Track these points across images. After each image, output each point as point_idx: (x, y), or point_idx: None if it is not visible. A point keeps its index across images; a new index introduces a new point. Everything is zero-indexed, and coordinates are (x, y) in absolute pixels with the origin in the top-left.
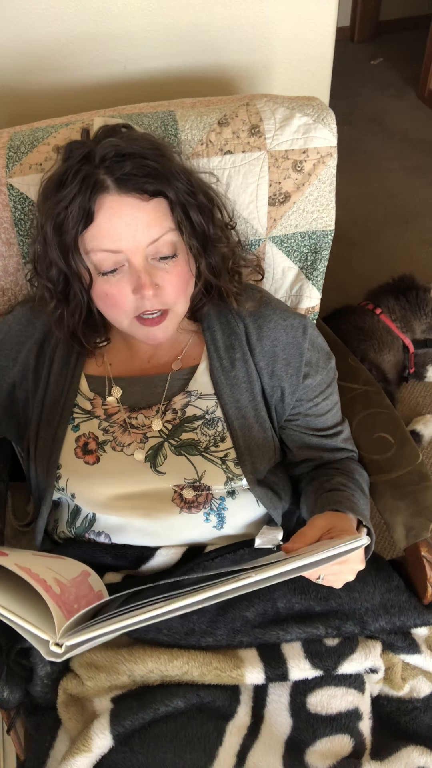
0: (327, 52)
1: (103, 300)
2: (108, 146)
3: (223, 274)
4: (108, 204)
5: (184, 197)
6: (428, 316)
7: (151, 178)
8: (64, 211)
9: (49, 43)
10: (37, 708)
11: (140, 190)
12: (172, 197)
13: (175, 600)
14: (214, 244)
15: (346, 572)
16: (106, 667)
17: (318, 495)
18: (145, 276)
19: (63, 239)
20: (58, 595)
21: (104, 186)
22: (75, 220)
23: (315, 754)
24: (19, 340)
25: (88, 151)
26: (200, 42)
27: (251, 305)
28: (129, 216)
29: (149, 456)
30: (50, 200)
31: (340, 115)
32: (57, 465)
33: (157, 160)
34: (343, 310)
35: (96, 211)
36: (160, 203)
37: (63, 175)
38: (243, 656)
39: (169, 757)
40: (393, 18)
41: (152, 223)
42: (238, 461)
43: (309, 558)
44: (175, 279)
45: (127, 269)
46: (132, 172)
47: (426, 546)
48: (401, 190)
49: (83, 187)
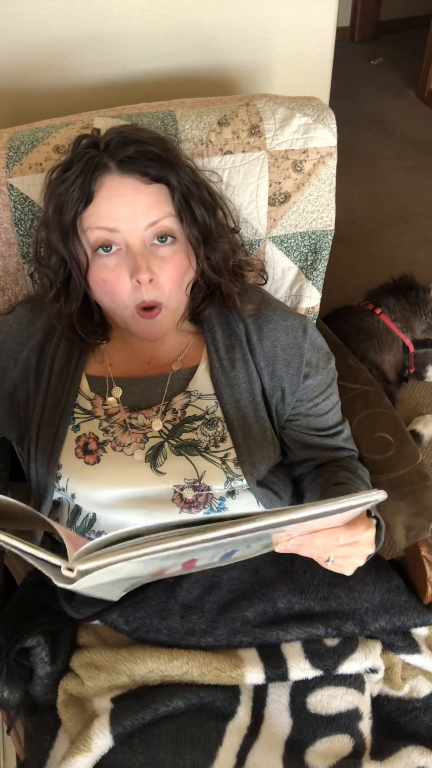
0: (327, 52)
1: (101, 287)
2: (113, 133)
3: (224, 273)
4: (108, 184)
5: (186, 186)
6: (428, 316)
7: (153, 162)
8: (66, 192)
9: (49, 43)
10: (37, 708)
11: (142, 173)
12: (174, 183)
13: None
14: (215, 239)
15: (356, 555)
16: (106, 667)
17: (325, 489)
18: (141, 259)
19: (62, 220)
20: (65, 531)
21: (106, 167)
22: (75, 200)
23: (315, 754)
24: (20, 340)
25: (94, 140)
26: (200, 42)
27: (252, 307)
28: (129, 197)
29: (149, 456)
30: (54, 183)
31: (340, 115)
32: (57, 465)
33: (161, 148)
34: (343, 310)
35: (96, 191)
36: (162, 189)
37: (69, 163)
38: (243, 656)
39: (169, 757)
40: (393, 18)
41: (152, 206)
42: (238, 461)
43: (324, 506)
44: (172, 269)
45: (124, 253)
46: (134, 155)
47: (426, 546)
48: (401, 190)
49: (85, 168)
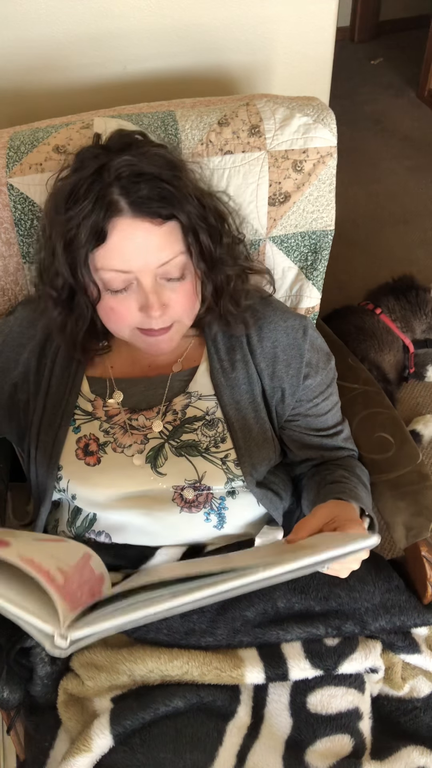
0: (327, 52)
1: (107, 314)
2: (124, 164)
3: (225, 295)
4: (121, 226)
5: (195, 221)
6: (428, 316)
7: (165, 202)
8: (76, 228)
9: (49, 43)
10: (37, 708)
11: (154, 215)
12: (185, 221)
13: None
14: (219, 265)
15: (351, 561)
16: (106, 667)
17: (320, 487)
18: (153, 296)
19: (72, 255)
20: (61, 586)
21: (118, 208)
22: (86, 238)
23: (315, 753)
24: (20, 342)
25: (101, 164)
26: (200, 42)
27: (249, 325)
28: (141, 239)
29: (150, 457)
30: (61, 215)
31: (340, 115)
32: (58, 466)
33: (172, 183)
34: (343, 310)
35: (109, 232)
36: (173, 226)
37: (75, 187)
38: (243, 656)
39: (169, 757)
40: (393, 18)
41: (163, 246)
42: (238, 462)
43: (316, 556)
44: (182, 299)
45: (135, 287)
46: (147, 195)
47: (426, 546)
48: (401, 190)
49: (97, 206)
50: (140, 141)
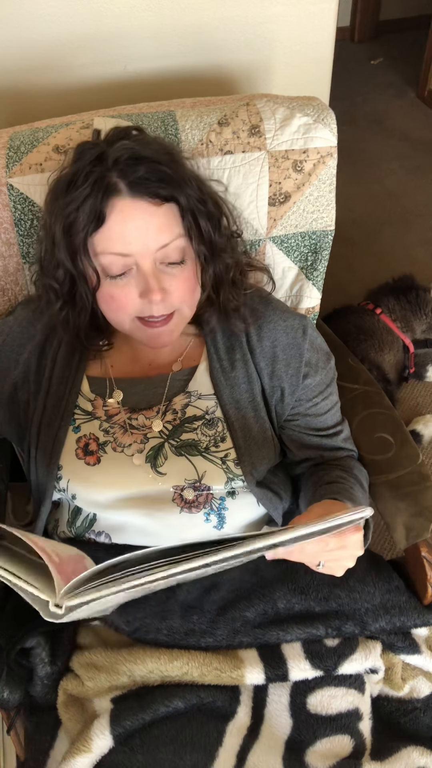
0: (327, 52)
1: (107, 302)
2: (121, 149)
3: (224, 285)
4: (120, 207)
5: (194, 204)
6: (428, 316)
7: (164, 183)
8: (75, 212)
9: (49, 43)
10: (37, 708)
11: (153, 195)
12: (184, 203)
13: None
14: (218, 253)
15: (346, 558)
16: (106, 667)
17: (317, 487)
18: (153, 280)
19: (72, 240)
20: (57, 563)
21: (117, 189)
22: (86, 221)
23: (315, 754)
24: (20, 342)
25: (100, 152)
26: (200, 42)
27: (248, 322)
28: (140, 220)
29: (150, 457)
30: (60, 200)
31: (340, 115)
32: (58, 466)
33: (170, 166)
34: (343, 310)
35: (107, 214)
36: (171, 209)
37: (74, 176)
38: (243, 656)
39: (169, 757)
40: (393, 18)
41: (163, 228)
42: (238, 461)
43: (310, 527)
44: (183, 284)
45: (135, 273)
46: (145, 176)
47: (426, 546)
48: (401, 190)
49: (95, 188)
50: (137, 133)
